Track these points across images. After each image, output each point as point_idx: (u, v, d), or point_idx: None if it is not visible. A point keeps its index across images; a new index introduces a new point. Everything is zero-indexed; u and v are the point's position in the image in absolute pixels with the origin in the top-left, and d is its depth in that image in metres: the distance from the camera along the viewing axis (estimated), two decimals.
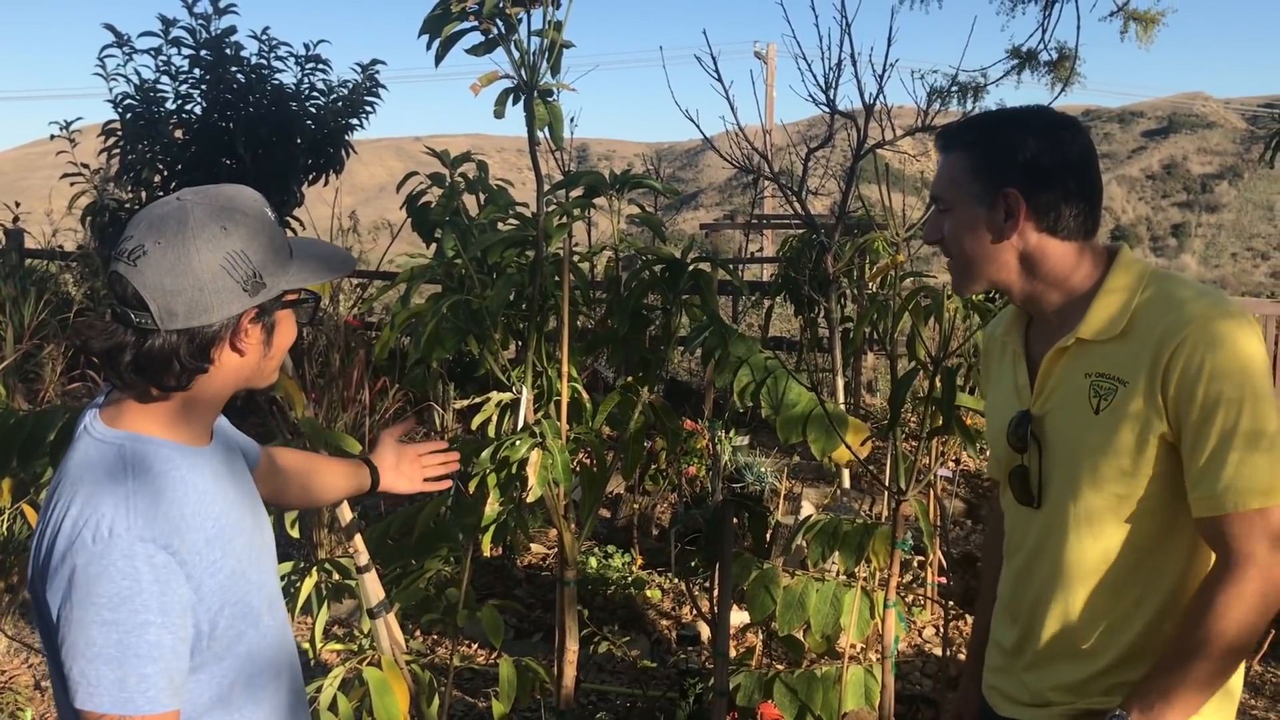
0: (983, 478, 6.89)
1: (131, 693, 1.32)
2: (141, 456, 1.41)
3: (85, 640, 1.31)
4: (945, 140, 1.82)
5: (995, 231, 1.73)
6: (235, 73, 7.66)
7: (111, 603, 1.31)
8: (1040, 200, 1.71)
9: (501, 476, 2.46)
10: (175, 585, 1.36)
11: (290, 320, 1.56)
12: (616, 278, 2.81)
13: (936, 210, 1.83)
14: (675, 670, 4.29)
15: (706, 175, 64.65)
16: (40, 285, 7.93)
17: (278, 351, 1.54)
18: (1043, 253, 1.73)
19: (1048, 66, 6.44)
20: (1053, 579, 1.78)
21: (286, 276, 1.50)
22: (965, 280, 1.82)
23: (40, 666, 4.21)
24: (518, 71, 2.38)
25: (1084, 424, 1.70)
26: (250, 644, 1.52)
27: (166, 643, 1.35)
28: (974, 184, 1.74)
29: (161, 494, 1.39)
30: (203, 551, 1.42)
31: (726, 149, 6.31)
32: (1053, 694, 1.79)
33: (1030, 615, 1.83)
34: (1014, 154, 1.72)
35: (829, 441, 2.83)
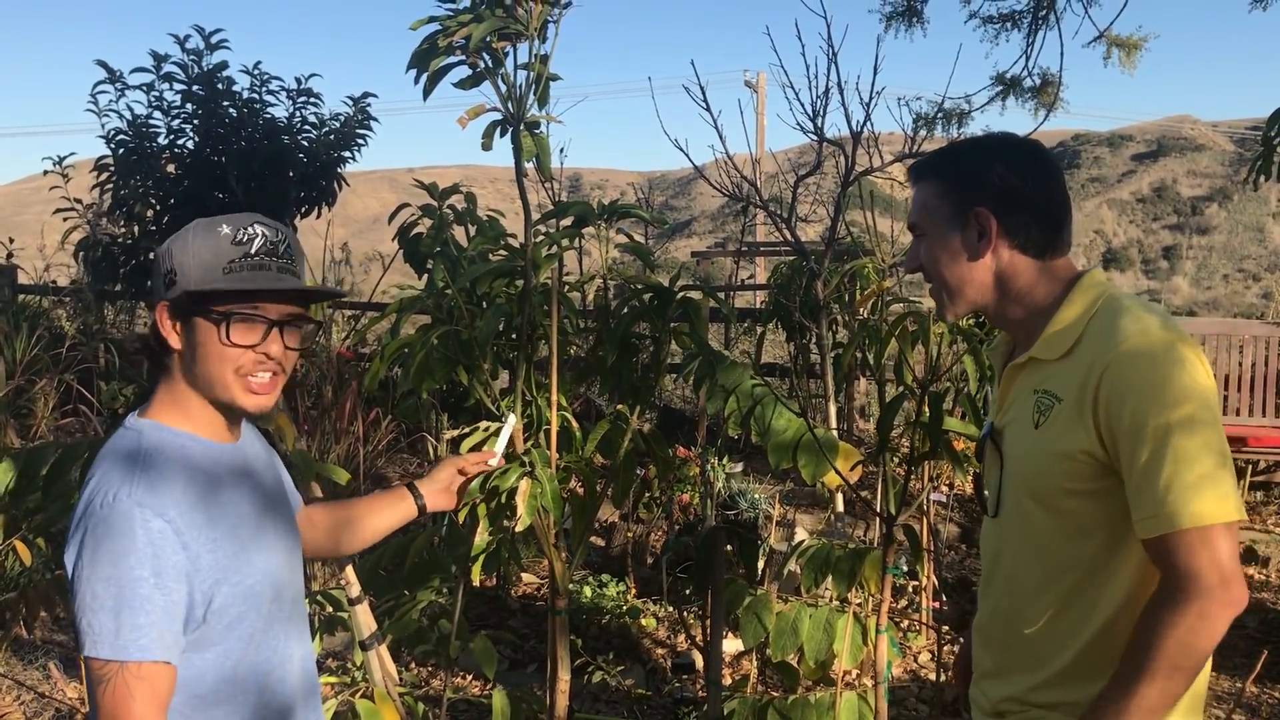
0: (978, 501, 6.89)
1: (126, 641, 1.46)
2: (156, 440, 1.60)
3: (91, 594, 1.47)
4: (916, 171, 1.88)
5: (970, 251, 1.78)
6: (227, 107, 7.69)
7: (111, 558, 1.47)
8: (1010, 218, 1.75)
9: (491, 506, 2.46)
10: (169, 551, 1.51)
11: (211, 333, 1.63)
12: (605, 306, 2.83)
13: (914, 239, 1.87)
14: (670, 699, 4.28)
15: (699, 203, 64.87)
16: (33, 321, 7.93)
17: (205, 360, 1.63)
18: (1014, 270, 1.77)
19: (1032, 92, 6.49)
20: (1005, 589, 1.82)
21: (200, 281, 1.62)
22: (947, 303, 1.85)
23: (33, 704, 4.19)
24: (505, 104, 2.40)
25: (1026, 438, 1.75)
26: (252, 627, 1.64)
27: (157, 599, 1.49)
28: (944, 207, 1.80)
29: (165, 471, 1.56)
30: (203, 528, 1.56)
31: (717, 178, 6.35)
32: (1004, 704, 1.82)
33: (988, 624, 1.88)
34: (981, 174, 1.77)
35: (819, 466, 2.84)
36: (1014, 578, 1.80)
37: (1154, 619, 1.58)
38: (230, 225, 1.65)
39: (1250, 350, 7.30)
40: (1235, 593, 1.56)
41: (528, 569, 5.70)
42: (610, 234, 2.79)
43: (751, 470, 6.38)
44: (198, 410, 1.67)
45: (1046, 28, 6.85)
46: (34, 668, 4.45)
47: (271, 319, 1.66)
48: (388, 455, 6.87)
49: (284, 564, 1.75)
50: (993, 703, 1.85)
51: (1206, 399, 1.61)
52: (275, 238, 1.67)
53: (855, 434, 7.01)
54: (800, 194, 6.23)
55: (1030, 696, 1.77)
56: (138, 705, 1.47)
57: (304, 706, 1.78)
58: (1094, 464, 1.65)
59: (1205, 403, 1.60)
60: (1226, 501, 1.57)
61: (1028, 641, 1.77)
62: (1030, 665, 1.77)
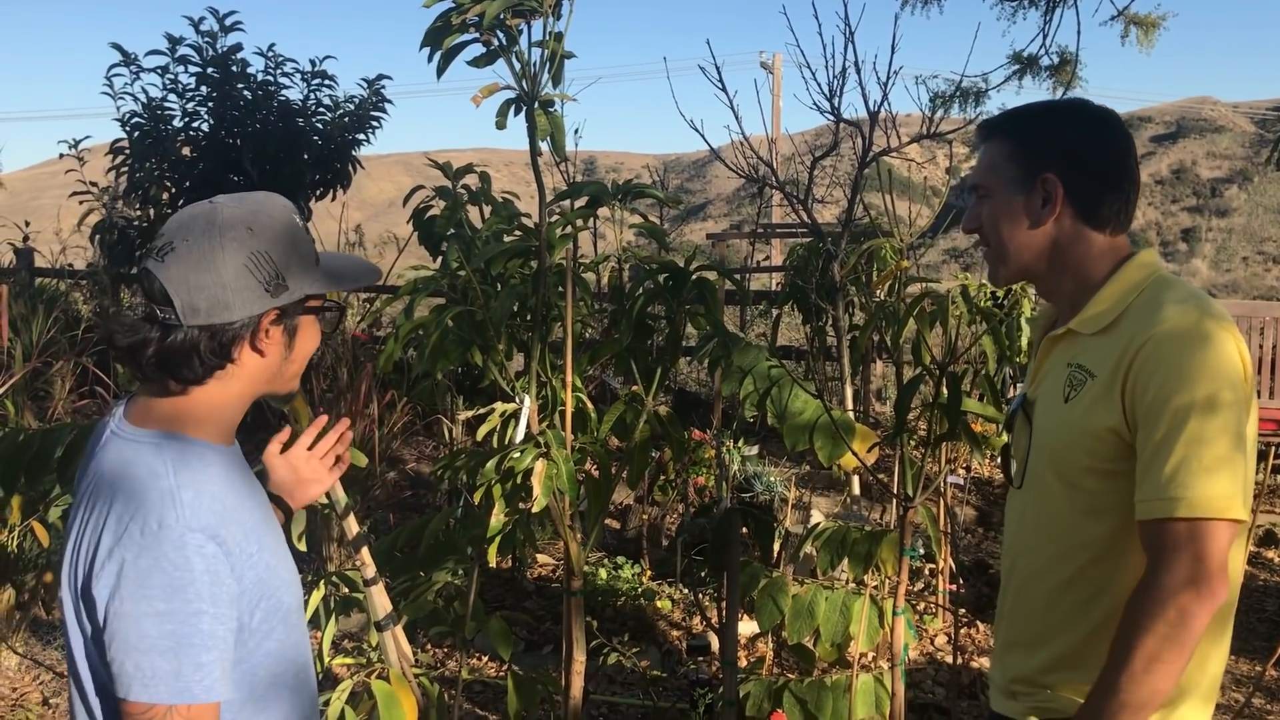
0: (996, 483, 6.86)
1: (188, 682, 1.34)
2: (180, 452, 1.43)
3: (139, 633, 1.32)
4: (986, 129, 1.83)
5: (1033, 217, 1.74)
6: (242, 89, 7.70)
7: (165, 594, 1.33)
8: (1078, 187, 1.71)
9: (507, 487, 2.45)
10: (223, 576, 1.38)
11: (313, 327, 1.58)
12: (621, 287, 2.81)
13: (975, 198, 1.82)
14: (685, 680, 4.28)
15: (715, 186, 64.68)
16: (49, 303, 7.96)
17: (299, 356, 1.57)
18: (1073, 241, 1.73)
19: (1049, 71, 6.43)
20: (1021, 563, 1.80)
21: (310, 281, 1.53)
22: (1001, 267, 1.81)
23: (51, 684, 4.22)
24: (519, 83, 2.38)
25: (1055, 411, 1.71)
26: (279, 641, 1.53)
27: (220, 632, 1.37)
28: (1012, 169, 1.75)
29: (204, 487, 1.41)
30: (242, 544, 1.43)
31: (733, 159, 6.32)
32: (1015, 685, 1.80)
33: (1004, 596, 1.87)
34: (1053, 140, 1.73)
35: (835, 449, 2.82)
36: (1028, 551, 1.78)
37: (1136, 611, 1.55)
38: (292, 211, 1.54)
39: (1271, 333, 7.24)
40: (1218, 591, 1.52)
41: (543, 551, 5.70)
42: (625, 215, 2.77)
43: (767, 453, 6.37)
44: (208, 414, 1.50)
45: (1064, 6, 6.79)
46: (53, 648, 4.48)
47: None
48: (404, 438, 6.88)
49: (293, 569, 1.63)
50: (1005, 681, 1.84)
51: (1237, 388, 1.57)
52: None
53: (872, 416, 6.99)
54: (816, 176, 6.20)
55: (1039, 677, 1.75)
56: None
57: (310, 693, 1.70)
58: (1118, 443, 1.62)
59: (1234, 391, 1.56)
60: (1232, 500, 1.53)
61: (1036, 617, 1.76)
62: (1038, 641, 1.76)
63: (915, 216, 5.29)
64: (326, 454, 2.02)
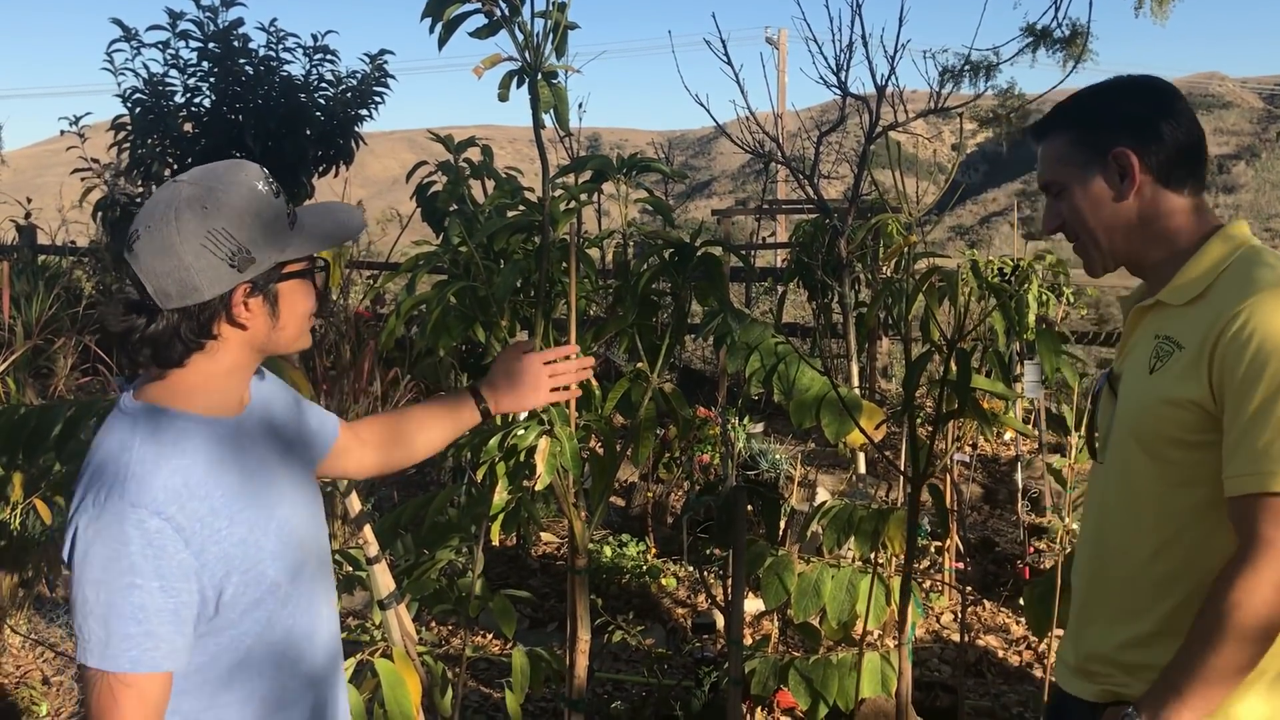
0: (1002, 460, 6.84)
1: (115, 651, 1.38)
2: (153, 427, 1.46)
3: (81, 598, 1.38)
4: (1040, 128, 1.81)
5: (1115, 192, 1.71)
6: (243, 65, 7.63)
7: (102, 564, 1.37)
8: (1150, 152, 1.69)
9: (510, 464, 2.42)
10: (171, 550, 1.40)
11: (300, 289, 1.57)
12: (625, 263, 2.78)
13: (1050, 197, 1.80)
14: (690, 658, 4.27)
15: (719, 163, 64.46)
16: (51, 280, 7.93)
17: (291, 320, 1.57)
18: (1158, 207, 1.71)
19: (1061, 44, 6.35)
20: (1100, 536, 1.77)
21: (280, 249, 1.52)
22: (1096, 257, 1.79)
23: (55, 662, 4.21)
24: (521, 54, 2.34)
25: (1140, 383, 1.68)
26: (270, 611, 1.54)
27: (153, 605, 1.39)
28: (1080, 154, 1.73)
29: (162, 462, 1.43)
30: (206, 519, 1.44)
31: (739, 135, 6.26)
32: (1092, 663, 1.76)
33: (1080, 570, 1.83)
34: (1112, 115, 1.72)
35: (842, 425, 2.79)
36: (1110, 525, 1.75)
37: (1226, 586, 1.52)
38: (258, 180, 1.52)
39: None
40: None
41: (547, 528, 5.69)
42: (629, 191, 2.73)
43: (772, 431, 6.34)
44: (201, 386, 1.51)
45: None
46: (56, 625, 4.48)
47: None
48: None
49: (305, 525, 1.64)
50: (1080, 659, 1.80)
51: None
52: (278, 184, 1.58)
53: (877, 393, 6.96)
54: (823, 151, 6.14)
55: (1118, 655, 1.71)
56: (123, 714, 1.39)
57: (330, 672, 1.72)
58: (1203, 415, 1.59)
59: None
60: None
61: (1117, 593, 1.72)
62: (1117, 617, 1.72)
63: (923, 193, 5.24)
64: (559, 375, 2.10)
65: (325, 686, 1.70)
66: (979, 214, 47.85)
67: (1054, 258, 5.31)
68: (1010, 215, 38.74)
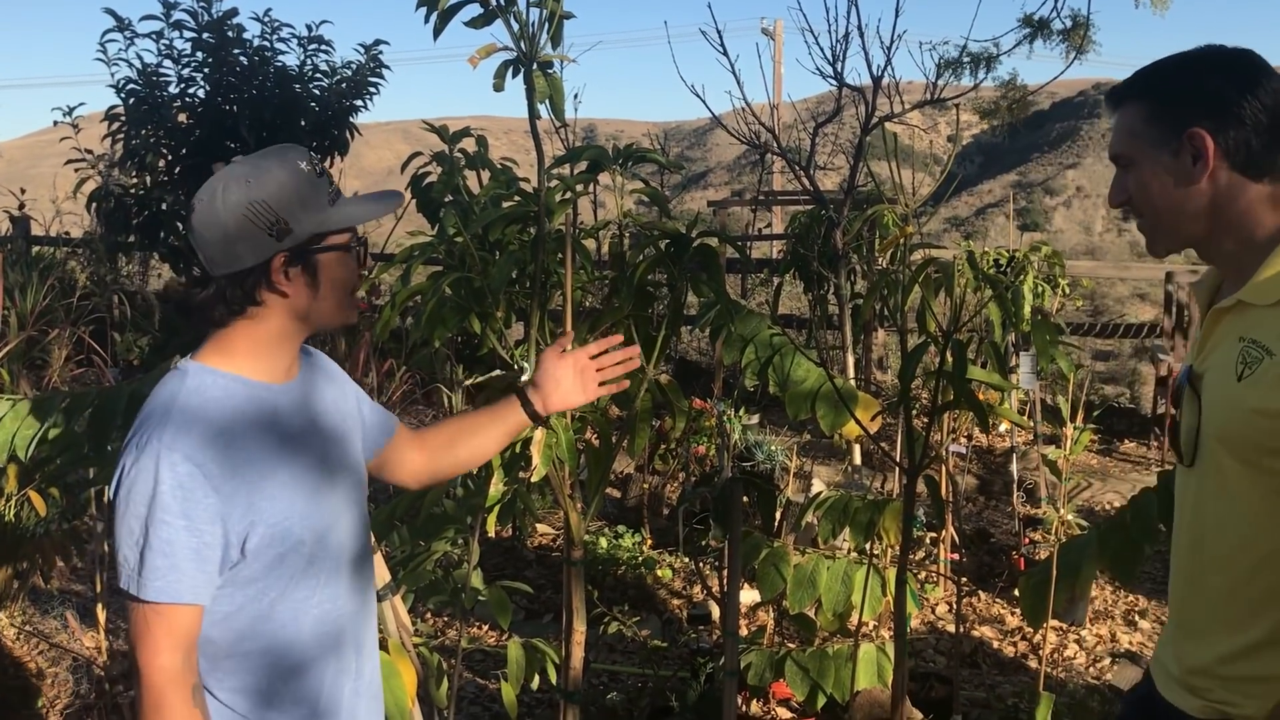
0: (997, 452, 6.85)
1: (145, 580, 1.52)
2: (198, 383, 1.61)
3: (126, 530, 1.53)
4: (1116, 96, 1.70)
5: (1185, 176, 1.60)
6: (238, 55, 7.61)
7: (142, 499, 1.52)
8: (1228, 137, 1.58)
9: (505, 456, 2.42)
10: (199, 495, 1.53)
11: (340, 262, 1.69)
12: (621, 254, 2.77)
13: (1119, 169, 1.71)
14: (686, 650, 4.27)
15: (715, 154, 64.36)
16: (46, 272, 7.90)
17: (331, 292, 1.68)
18: (1232, 195, 1.60)
19: (1061, 35, 6.34)
20: (1195, 545, 1.68)
21: (319, 223, 1.64)
22: (1158, 237, 1.69)
23: (49, 653, 4.21)
24: (517, 44, 2.33)
25: (1228, 389, 1.58)
26: (294, 571, 1.65)
27: (182, 541, 1.52)
28: (1154, 131, 1.63)
29: (204, 413, 1.58)
30: (239, 469, 1.58)
31: (734, 126, 6.25)
32: (1195, 678, 1.68)
33: (1176, 581, 1.74)
34: (1192, 91, 1.60)
35: (838, 417, 2.79)
36: (1206, 534, 1.65)
37: None
38: (301, 160, 1.65)
39: None
40: None
41: (543, 520, 5.69)
42: (625, 182, 2.72)
43: (767, 422, 6.34)
44: (250, 351, 1.66)
45: None
46: (51, 617, 4.47)
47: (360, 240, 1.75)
48: (403, 406, 6.86)
49: (338, 511, 1.73)
50: (1183, 671, 1.71)
51: None
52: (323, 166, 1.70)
53: (873, 385, 6.96)
54: (818, 143, 6.13)
55: (1222, 669, 1.63)
56: (155, 642, 1.53)
57: (347, 660, 1.77)
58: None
59: None
60: None
61: (1218, 604, 1.63)
62: (1219, 629, 1.63)
63: (919, 185, 5.23)
64: (602, 370, 2.11)
65: (343, 675, 1.76)
66: (974, 205, 47.82)
67: (1049, 249, 5.31)
68: (1006, 207, 38.72)
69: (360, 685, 1.81)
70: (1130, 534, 2.56)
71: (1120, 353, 11.02)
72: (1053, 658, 4.37)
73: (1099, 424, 7.37)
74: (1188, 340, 7.30)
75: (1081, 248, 33.55)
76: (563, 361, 2.08)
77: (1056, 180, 51.19)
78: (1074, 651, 4.44)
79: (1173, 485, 2.48)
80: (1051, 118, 58.46)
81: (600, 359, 2.12)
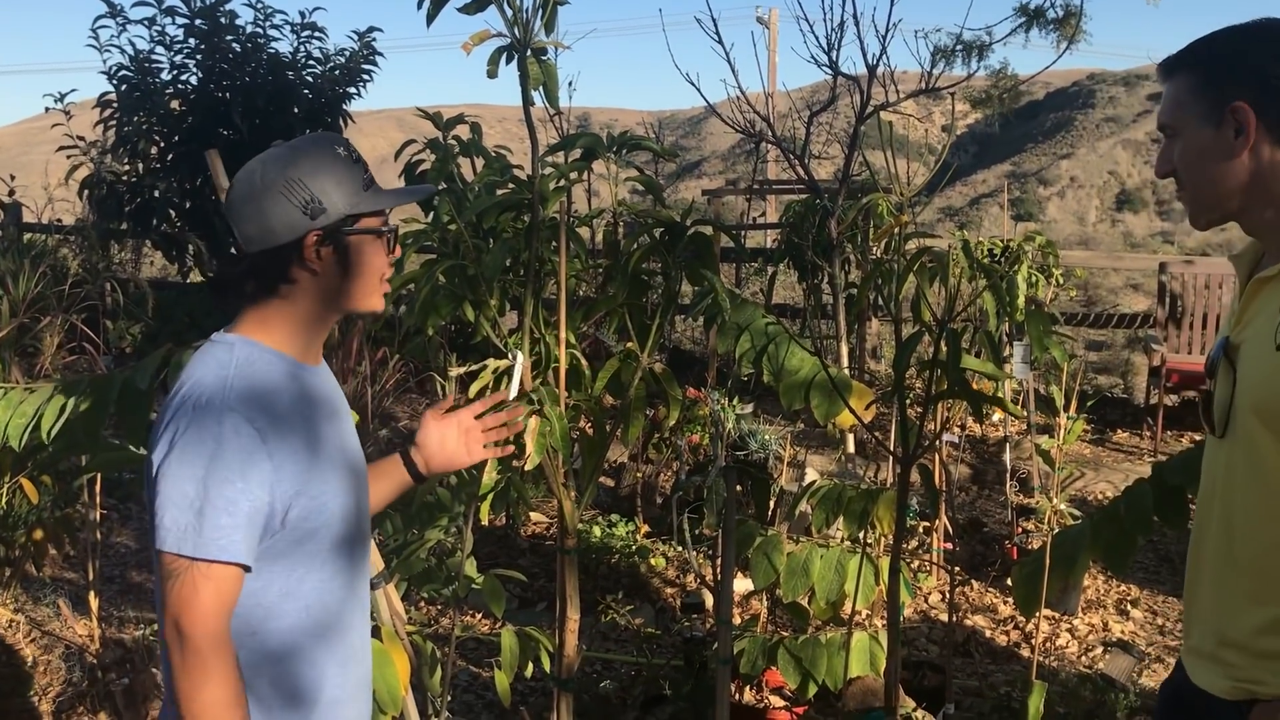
0: (990, 441, 6.86)
1: (207, 539, 1.51)
2: (246, 354, 1.64)
3: (179, 491, 1.52)
4: (1167, 66, 1.71)
5: (1226, 150, 1.61)
6: (230, 42, 7.58)
7: (200, 459, 1.52)
8: (1273, 112, 1.59)
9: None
10: (257, 458, 1.55)
11: (371, 246, 1.72)
12: (615, 242, 2.76)
13: (1166, 139, 1.72)
14: (679, 638, 4.28)
15: (709, 143, 64.31)
16: (38, 259, 7.87)
17: (361, 274, 1.71)
18: (1275, 169, 1.61)
19: (1054, 24, 6.33)
20: (1224, 516, 1.68)
21: (352, 205, 1.67)
22: (1199, 209, 1.70)
23: (42, 641, 4.20)
24: (511, 30, 2.32)
25: (1266, 358, 1.58)
26: (322, 545, 1.68)
27: (243, 503, 1.54)
28: (1199, 103, 1.64)
29: (257, 382, 1.61)
30: (288, 437, 1.61)
31: (729, 115, 6.24)
32: (1226, 652, 1.67)
33: (1202, 553, 1.74)
34: (1239, 65, 1.61)
35: (832, 406, 2.79)
36: (1237, 506, 1.66)
37: None
38: (339, 146, 1.69)
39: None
40: None
41: (536, 508, 5.69)
42: (619, 170, 2.71)
43: (761, 411, 6.35)
44: (285, 332, 1.69)
45: None
46: (43, 605, 4.47)
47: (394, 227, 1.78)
48: (395, 395, 6.85)
49: (358, 496, 1.78)
50: (1213, 646, 1.70)
51: None
52: (359, 154, 1.73)
53: (867, 374, 6.96)
54: (813, 132, 6.12)
55: (1254, 643, 1.62)
56: (203, 604, 1.52)
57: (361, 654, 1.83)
58: None
59: None
60: None
61: (1247, 577, 1.64)
62: (1248, 601, 1.64)
63: (913, 174, 5.22)
64: (487, 431, 2.10)
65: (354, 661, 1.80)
66: (969, 195, 47.84)
67: (1043, 239, 5.31)
68: (1000, 197, 38.71)
69: (363, 670, 1.85)
70: (1123, 525, 2.56)
71: (1113, 343, 11.04)
72: (1045, 646, 4.38)
73: (1092, 414, 7.40)
74: (1180, 330, 7.32)
75: (1075, 238, 33.60)
76: (445, 422, 2.06)
77: (1051, 170, 51.23)
78: (1066, 640, 4.46)
79: (1167, 476, 2.50)
80: (1046, 108, 58.47)
81: (485, 419, 2.11)
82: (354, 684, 1.80)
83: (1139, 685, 3.87)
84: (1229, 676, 1.66)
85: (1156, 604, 4.84)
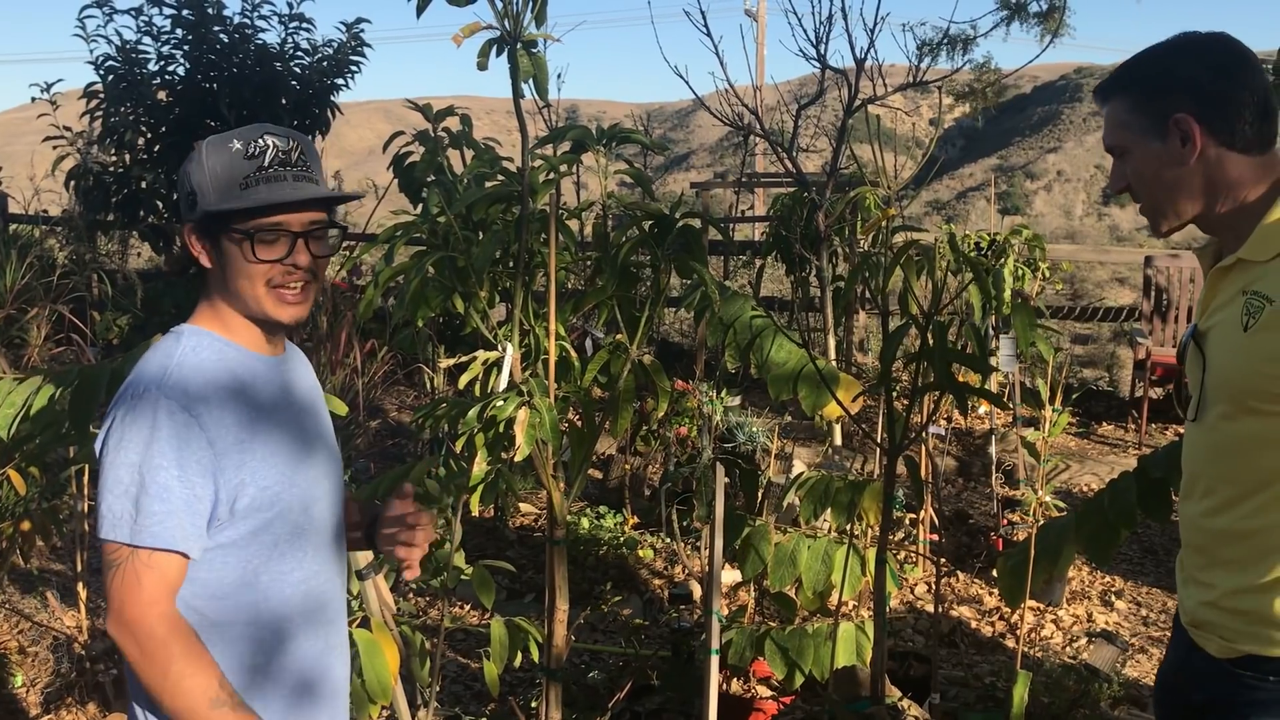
0: (976, 434, 6.89)
1: (140, 526, 1.51)
2: (194, 343, 1.64)
3: (115, 479, 1.53)
4: (1103, 91, 1.81)
5: (1175, 159, 1.71)
6: (218, 32, 7.54)
7: (136, 446, 1.53)
8: (1212, 117, 1.68)
9: (489, 436, 2.43)
10: (194, 445, 1.55)
11: (239, 254, 1.63)
12: (605, 235, 2.78)
13: (1115, 159, 1.80)
14: (667, 629, 4.29)
15: (698, 136, 64.22)
16: (24, 250, 7.83)
17: (235, 275, 1.63)
18: (1223, 169, 1.70)
19: (1037, 18, 6.36)
20: (1204, 496, 1.77)
21: (216, 204, 1.62)
22: (1159, 219, 1.79)
23: (30, 632, 4.20)
24: (501, 22, 2.32)
25: (1234, 342, 1.68)
26: (277, 536, 1.65)
27: (177, 490, 1.53)
28: (1141, 120, 1.73)
29: (199, 369, 1.61)
30: (231, 428, 1.59)
31: (717, 107, 6.25)
32: (1202, 610, 1.78)
33: (1187, 531, 1.83)
34: (1171, 80, 1.71)
35: (819, 397, 2.81)
36: (1213, 485, 1.75)
37: None
38: (240, 139, 1.64)
39: None
40: None
41: (525, 500, 5.70)
42: (608, 163, 2.72)
43: (749, 404, 6.36)
44: (236, 322, 1.68)
45: None
46: (31, 596, 4.46)
47: (295, 231, 1.64)
48: (385, 387, 6.84)
49: (318, 484, 1.74)
50: (1190, 612, 1.82)
51: None
52: (286, 146, 1.65)
53: (854, 367, 6.99)
54: (801, 125, 6.14)
55: (1227, 602, 1.73)
56: (145, 592, 1.52)
57: (329, 634, 1.79)
58: None
59: None
60: None
61: (1227, 550, 1.73)
62: (1228, 570, 1.73)
63: (901, 168, 5.24)
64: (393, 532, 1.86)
65: (325, 650, 1.77)
66: (955, 189, 47.91)
67: (1030, 233, 5.34)
68: (987, 190, 38.77)
69: (339, 657, 1.83)
70: (1108, 517, 2.59)
71: (1099, 336, 11.10)
72: (1030, 637, 4.42)
73: (1077, 407, 7.43)
74: (1166, 324, 7.37)
75: (1062, 231, 33.68)
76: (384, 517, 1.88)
77: (1037, 164, 51.33)
78: (1051, 631, 4.49)
79: (1151, 469, 2.53)
80: (1033, 101, 58.55)
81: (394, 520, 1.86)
82: (330, 665, 1.78)
83: (1123, 675, 3.90)
84: (1213, 634, 1.76)
85: (1140, 595, 4.88)
